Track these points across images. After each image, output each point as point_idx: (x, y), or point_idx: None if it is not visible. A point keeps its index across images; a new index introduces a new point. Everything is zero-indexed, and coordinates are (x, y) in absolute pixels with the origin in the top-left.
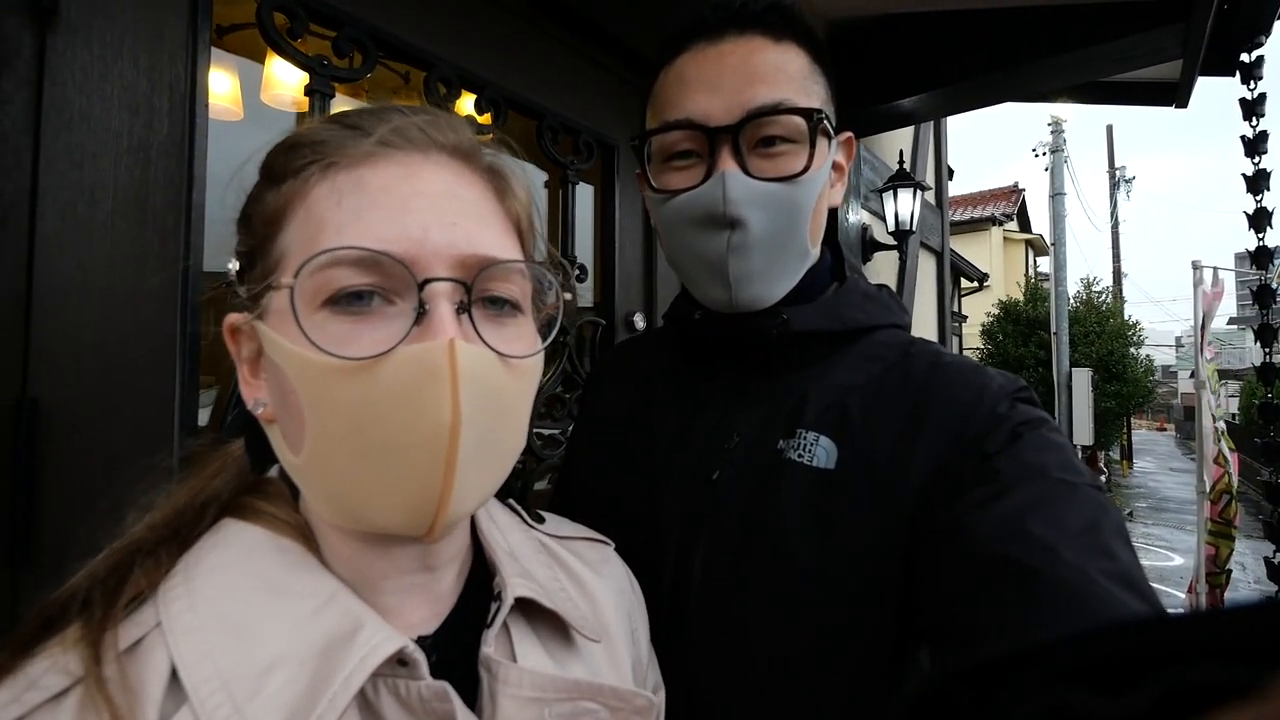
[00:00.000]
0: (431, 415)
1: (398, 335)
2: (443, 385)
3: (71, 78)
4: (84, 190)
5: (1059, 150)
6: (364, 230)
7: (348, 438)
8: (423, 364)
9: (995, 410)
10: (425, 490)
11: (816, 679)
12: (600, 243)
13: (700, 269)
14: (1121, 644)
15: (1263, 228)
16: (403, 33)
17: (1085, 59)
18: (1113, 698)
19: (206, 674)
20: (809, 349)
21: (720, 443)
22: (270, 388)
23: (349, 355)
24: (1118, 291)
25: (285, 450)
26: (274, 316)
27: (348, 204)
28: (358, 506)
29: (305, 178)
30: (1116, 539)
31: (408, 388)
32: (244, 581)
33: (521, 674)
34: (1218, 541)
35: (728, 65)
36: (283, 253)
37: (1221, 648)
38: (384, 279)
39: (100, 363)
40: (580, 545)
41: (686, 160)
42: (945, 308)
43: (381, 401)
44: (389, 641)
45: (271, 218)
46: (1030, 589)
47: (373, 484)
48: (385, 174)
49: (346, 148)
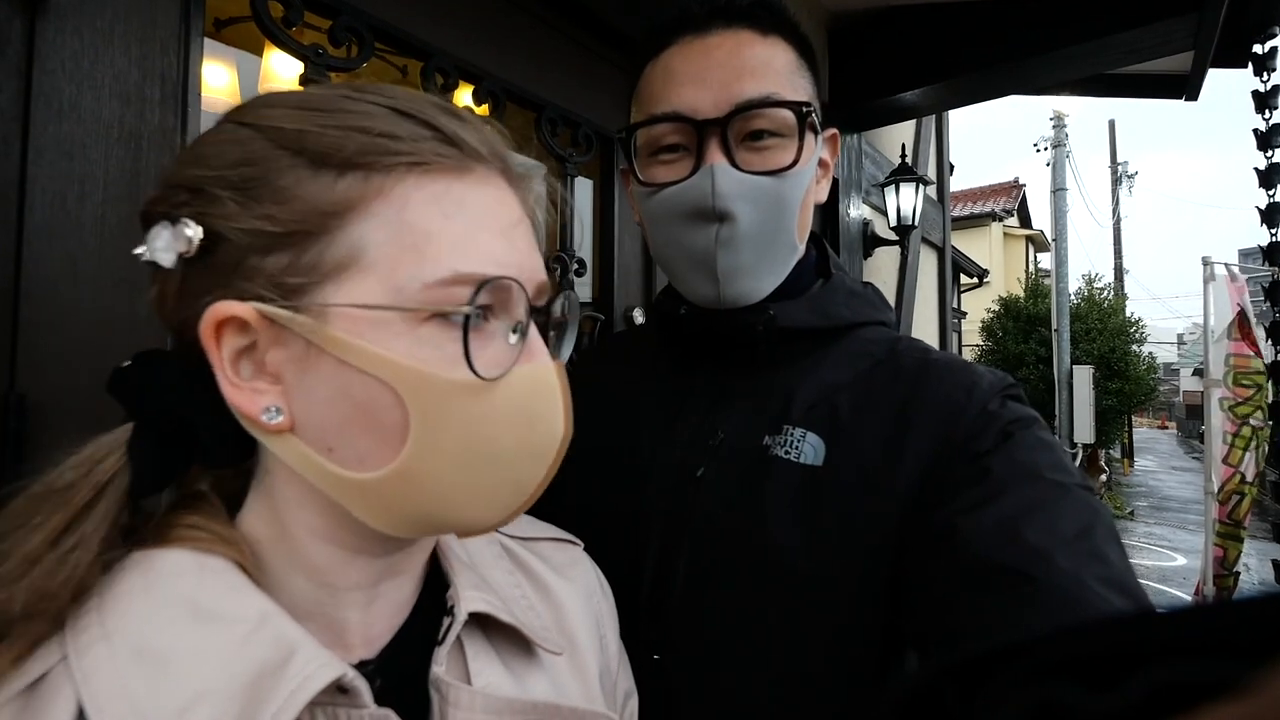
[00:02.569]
0: (551, 428)
1: (506, 354)
2: (558, 401)
3: (61, 66)
4: (74, 181)
5: (1061, 145)
6: (482, 252)
7: (458, 449)
8: (541, 382)
9: (986, 408)
10: (526, 491)
11: (801, 680)
12: (599, 237)
13: (687, 264)
14: (1108, 640)
15: (1275, 223)
16: (399, 22)
17: (1094, 50)
18: (1100, 694)
19: (119, 713)
20: (795, 345)
21: (704, 439)
22: (310, 396)
23: (489, 375)
24: (1119, 288)
25: (334, 465)
26: (352, 321)
27: (459, 220)
28: (450, 510)
29: (389, 172)
30: (1109, 543)
31: (530, 403)
32: (165, 606)
33: (473, 696)
34: (1226, 543)
35: (715, 59)
36: (357, 251)
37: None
38: (498, 301)
39: (90, 357)
40: (546, 547)
41: (673, 154)
42: (946, 303)
43: (505, 416)
44: (324, 670)
45: (335, 207)
46: (1025, 596)
47: (482, 489)
48: (482, 194)
49: (436, 151)
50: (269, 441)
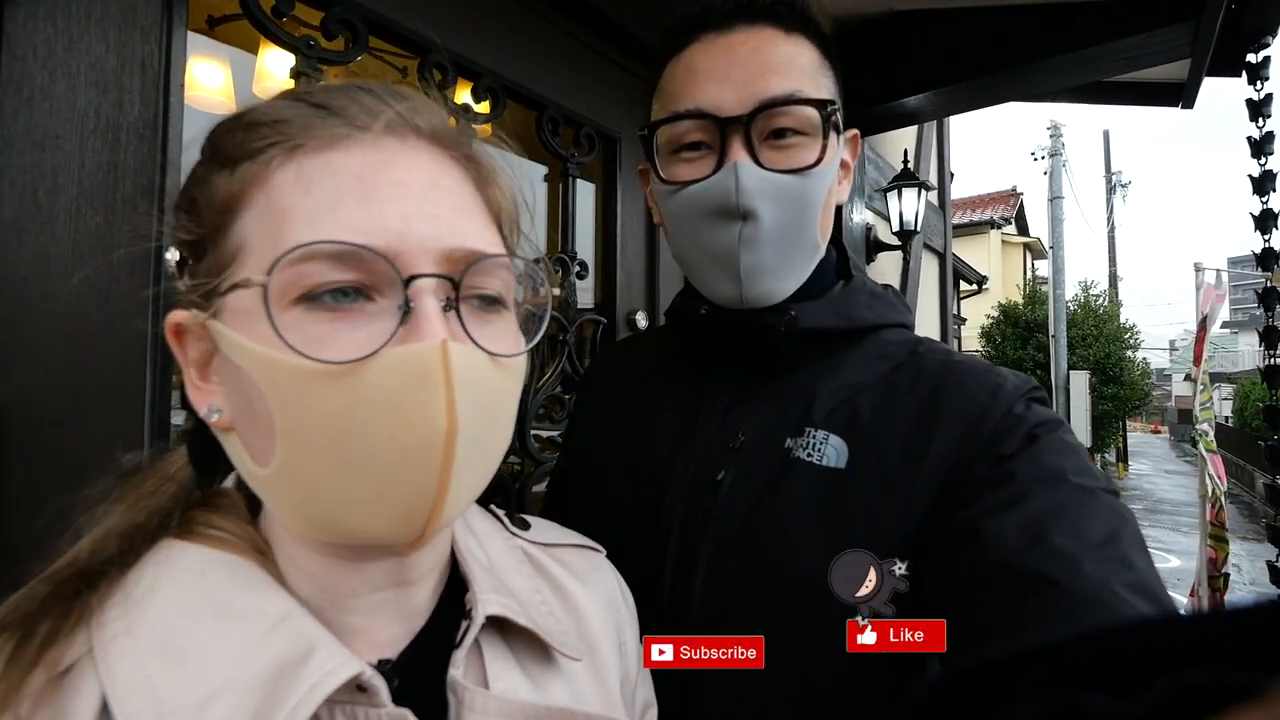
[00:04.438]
0: (426, 422)
1: (382, 335)
2: (437, 390)
3: (33, 51)
4: (46, 174)
5: (1058, 154)
6: (338, 222)
7: (328, 446)
8: (414, 367)
9: (1011, 410)
10: (417, 499)
11: (821, 686)
12: (602, 239)
13: (710, 263)
14: (1129, 644)
15: (1269, 229)
16: (395, 14)
17: (1093, 57)
18: (1121, 699)
19: (140, 705)
20: (816, 347)
21: (725, 442)
22: (228, 393)
23: (331, 359)
24: (1114, 295)
25: (247, 461)
26: (233, 315)
27: (318, 192)
28: (338, 518)
29: (265, 160)
30: (1135, 549)
31: (398, 392)
32: (188, 602)
33: (489, 700)
34: (1216, 545)
35: (739, 56)
36: (240, 244)
37: (1230, 649)
38: (364, 275)
39: (65, 360)
40: (568, 553)
41: (696, 152)
42: (947, 309)
43: (368, 407)
44: (344, 667)
45: (224, 204)
46: (1051, 600)
47: (357, 494)
48: (358, 159)
49: (313, 129)
50: (223, 441)
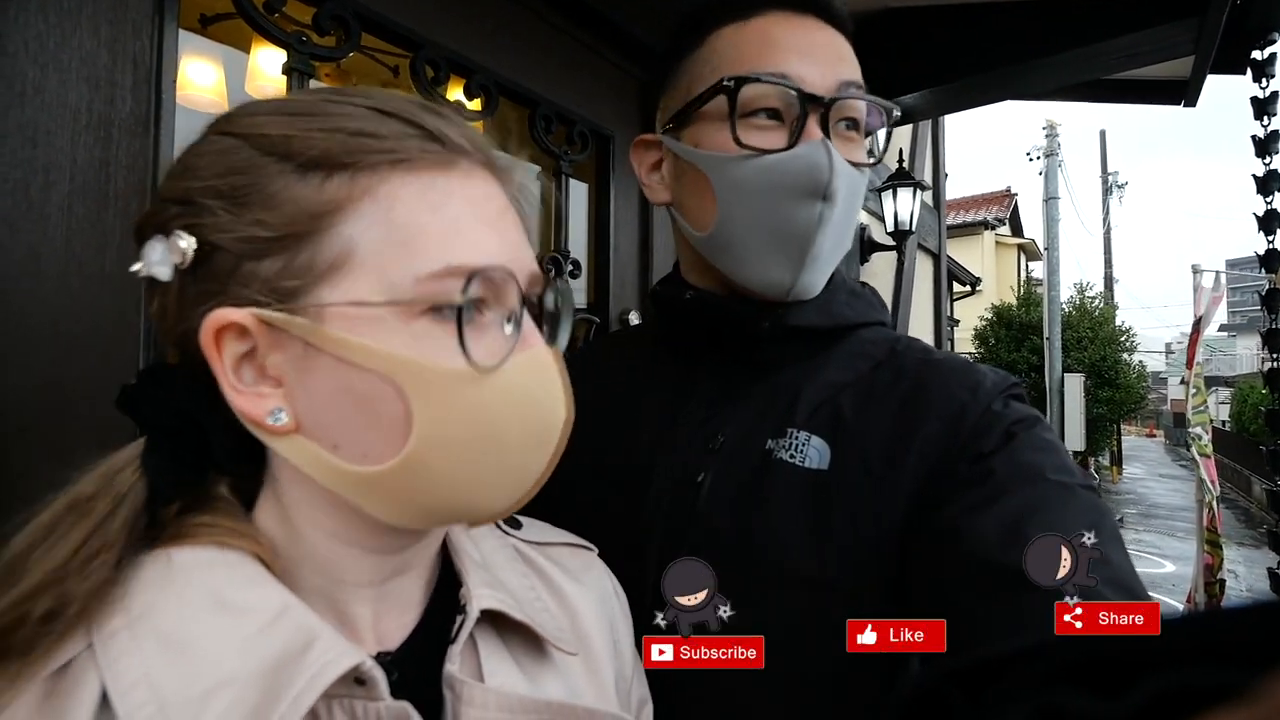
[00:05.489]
0: (552, 412)
1: (502, 343)
2: (557, 386)
3: (24, 46)
4: (37, 170)
5: (1053, 154)
6: (473, 245)
7: (466, 438)
8: (539, 368)
9: (990, 407)
10: (531, 477)
11: (807, 687)
12: (595, 238)
13: (773, 242)
14: (1114, 646)
15: (1272, 230)
16: (388, 10)
17: (1093, 54)
18: (1105, 699)
19: (142, 698)
20: (797, 345)
21: (705, 443)
22: (311, 396)
23: (486, 364)
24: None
25: (337, 462)
26: (344, 318)
27: (446, 213)
28: (455, 500)
29: (374, 171)
30: (1113, 544)
31: (530, 389)
32: (188, 598)
33: (486, 693)
34: (1211, 550)
35: (818, 39)
36: (347, 248)
37: (1212, 650)
38: (490, 292)
39: (55, 358)
40: (560, 551)
41: (770, 121)
42: (941, 309)
43: (505, 403)
44: (344, 657)
45: (324, 208)
46: (1030, 596)
47: (485, 477)
48: (468, 187)
49: (418, 148)
50: (276, 444)
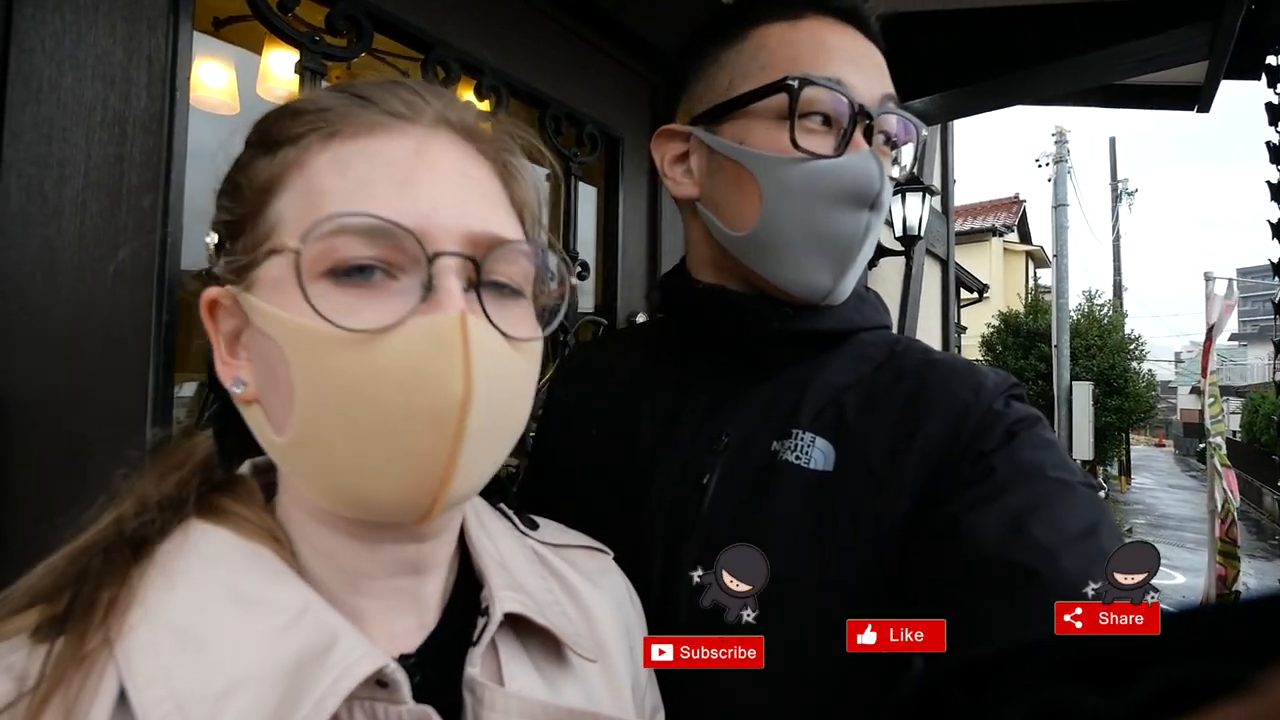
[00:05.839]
0: (442, 388)
1: (404, 309)
2: (454, 357)
3: (41, 44)
4: (52, 166)
5: (1063, 161)
6: (371, 201)
7: (345, 412)
8: (433, 335)
9: (992, 407)
10: (429, 466)
11: (811, 689)
12: (603, 241)
13: (818, 246)
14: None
15: None
16: (400, 11)
17: (1106, 59)
18: (1106, 695)
19: (159, 696)
20: (802, 347)
21: (708, 444)
22: (255, 364)
23: (355, 327)
24: (1118, 305)
25: (268, 431)
26: (265, 287)
27: (353, 174)
28: (352, 485)
29: (305, 145)
30: (1113, 540)
31: (417, 359)
32: (208, 591)
33: (508, 699)
34: (1227, 562)
35: (862, 50)
36: (277, 221)
37: (1213, 645)
38: (391, 252)
39: (68, 351)
40: (577, 554)
41: (822, 126)
42: (949, 315)
43: (388, 374)
44: (367, 659)
45: (265, 185)
46: (1029, 592)
47: (371, 460)
48: (393, 146)
49: (353, 117)
50: (244, 413)
